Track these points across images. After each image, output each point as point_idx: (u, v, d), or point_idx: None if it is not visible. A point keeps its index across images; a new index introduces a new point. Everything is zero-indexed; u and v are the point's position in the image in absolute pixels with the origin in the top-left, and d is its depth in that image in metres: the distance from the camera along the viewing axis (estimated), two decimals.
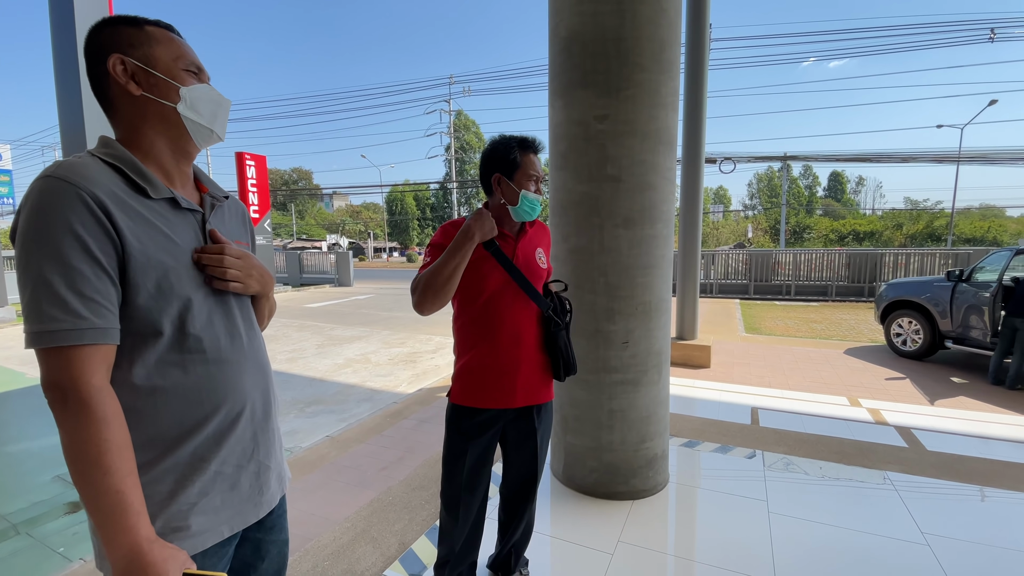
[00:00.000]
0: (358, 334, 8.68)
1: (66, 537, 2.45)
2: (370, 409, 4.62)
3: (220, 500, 0.88)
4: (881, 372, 6.16)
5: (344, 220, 56.02)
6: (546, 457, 1.80)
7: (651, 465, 2.51)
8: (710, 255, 14.44)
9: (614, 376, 2.42)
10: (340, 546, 2.19)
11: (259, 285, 0.96)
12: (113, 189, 0.78)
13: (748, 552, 2.06)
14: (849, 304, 12.13)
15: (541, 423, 1.71)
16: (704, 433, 3.30)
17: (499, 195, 1.58)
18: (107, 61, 0.83)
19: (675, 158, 2.45)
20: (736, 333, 8.85)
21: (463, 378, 1.60)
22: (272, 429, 1.00)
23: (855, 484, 2.65)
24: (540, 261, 1.64)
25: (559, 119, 2.40)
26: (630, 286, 2.38)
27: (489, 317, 1.57)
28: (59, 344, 0.71)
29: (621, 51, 2.19)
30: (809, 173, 53.15)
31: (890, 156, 24.19)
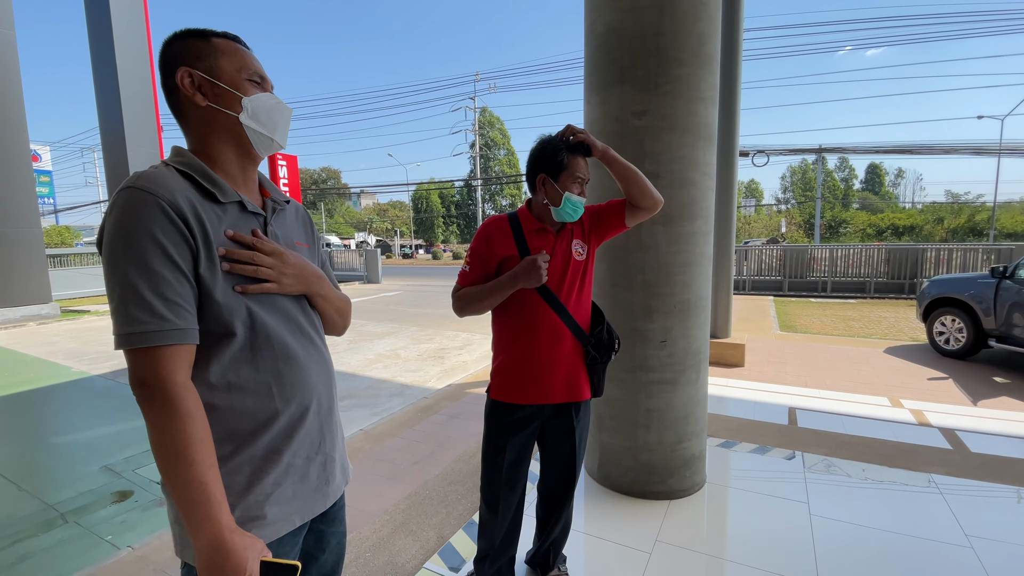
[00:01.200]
0: (387, 330, 8.83)
1: (114, 525, 2.54)
2: (401, 404, 4.70)
3: (292, 491, 0.92)
4: (923, 372, 5.93)
5: (371, 218, 56.88)
6: (583, 455, 1.80)
7: (688, 465, 2.48)
8: (743, 251, 14.08)
9: (651, 375, 2.41)
10: (380, 538, 2.24)
11: (299, 284, 0.96)
12: (188, 196, 0.82)
13: (790, 554, 2.03)
14: (888, 301, 11.70)
15: (579, 421, 1.72)
16: (741, 433, 3.25)
17: (543, 195, 1.59)
18: (176, 74, 0.87)
19: (714, 153, 2.41)
20: (770, 331, 8.64)
21: (503, 375, 1.63)
22: (336, 422, 1.03)
23: (899, 487, 2.57)
24: (578, 254, 1.64)
25: (595, 115, 2.39)
26: (668, 284, 2.36)
27: (528, 319, 1.60)
28: (146, 345, 0.75)
29: (660, 46, 2.17)
30: (845, 166, 51.26)
31: (930, 147, 23.14)
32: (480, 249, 1.60)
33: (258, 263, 0.89)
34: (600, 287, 2.52)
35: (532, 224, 1.62)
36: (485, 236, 1.61)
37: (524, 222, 1.62)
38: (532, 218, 1.62)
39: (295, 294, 0.97)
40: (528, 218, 1.63)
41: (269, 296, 0.91)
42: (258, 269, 0.89)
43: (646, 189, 1.63)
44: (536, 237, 1.61)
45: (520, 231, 1.61)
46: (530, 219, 1.62)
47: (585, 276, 1.66)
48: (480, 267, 1.61)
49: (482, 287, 1.58)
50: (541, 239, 1.61)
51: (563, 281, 1.61)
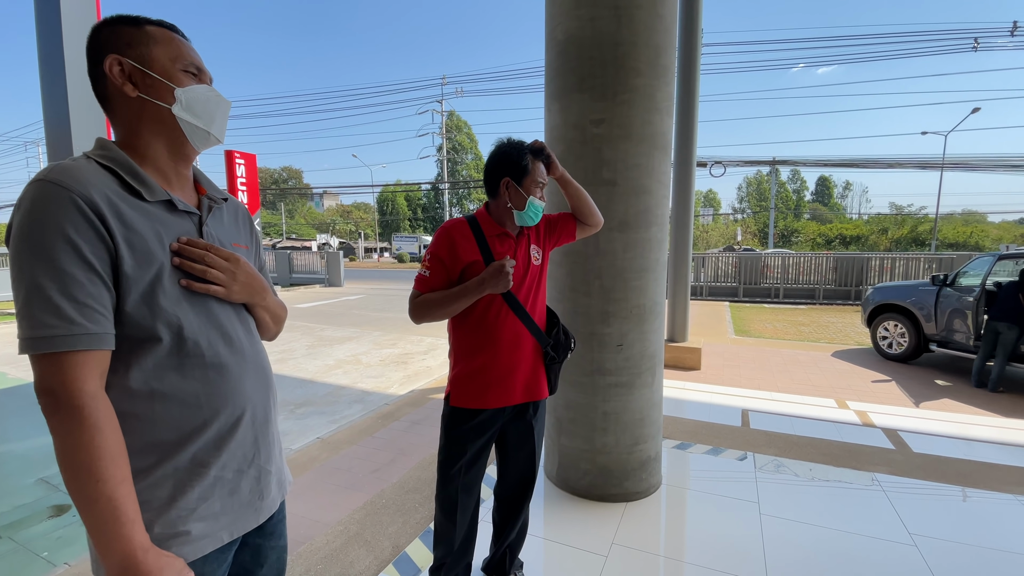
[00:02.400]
0: (349, 335, 8.63)
1: (50, 541, 2.39)
2: (361, 411, 4.59)
3: (220, 505, 0.87)
4: (867, 375, 6.26)
5: (334, 220, 55.62)
6: (541, 455, 1.81)
7: (644, 467, 2.52)
8: (700, 258, 14.58)
9: (608, 379, 2.43)
10: (333, 549, 2.17)
11: (244, 294, 0.93)
12: (107, 192, 0.77)
13: (740, 553, 2.08)
14: (836, 307, 12.31)
15: (537, 420, 1.74)
16: (696, 435, 3.33)
17: (506, 199, 1.59)
18: (104, 62, 0.82)
19: (669, 162, 2.46)
20: (726, 335, 8.93)
21: (464, 382, 1.61)
22: (273, 433, 0.99)
23: (844, 485, 2.68)
24: (535, 259, 1.67)
25: (556, 122, 2.41)
26: (624, 289, 2.39)
27: (490, 325, 1.59)
28: (52, 350, 0.70)
29: (618, 56, 2.21)
30: (797, 178, 53.86)
31: (876, 162, 24.61)
32: (442, 253, 1.57)
33: (209, 264, 0.86)
34: (559, 292, 2.53)
35: (494, 228, 1.61)
36: (447, 240, 1.58)
37: (485, 226, 1.61)
38: (493, 222, 1.62)
39: (240, 301, 0.94)
40: (489, 222, 1.62)
41: (202, 301, 0.86)
42: (207, 270, 0.85)
43: (593, 210, 1.77)
44: (498, 242, 1.61)
45: (482, 235, 1.59)
46: (491, 223, 1.62)
47: (541, 280, 1.70)
48: (442, 272, 1.57)
49: (446, 293, 1.55)
50: (503, 244, 1.61)
51: (523, 285, 1.62)
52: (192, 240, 0.86)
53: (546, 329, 1.71)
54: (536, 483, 2.66)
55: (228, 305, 0.91)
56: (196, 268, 0.84)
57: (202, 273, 0.85)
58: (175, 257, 0.83)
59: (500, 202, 1.61)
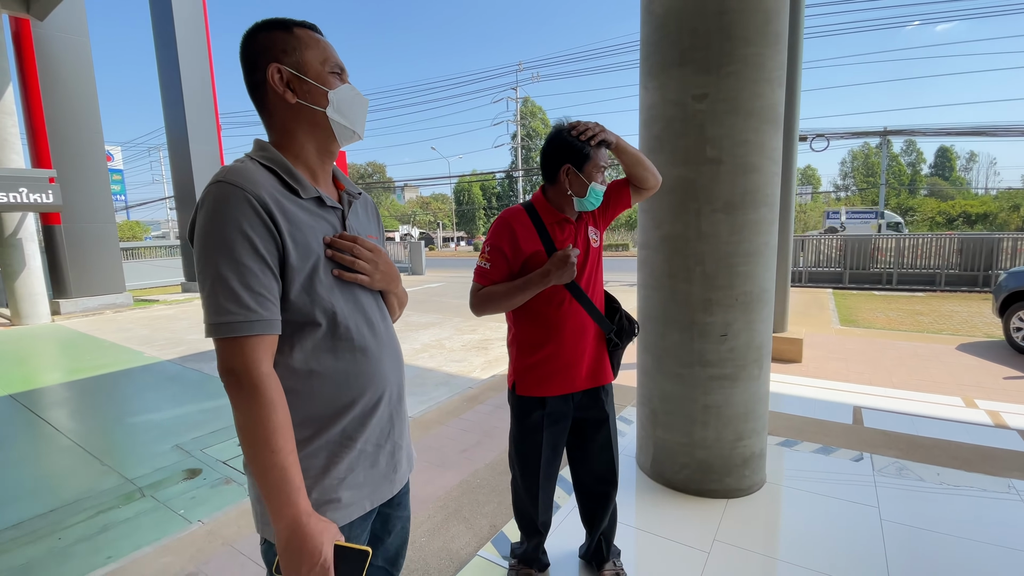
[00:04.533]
0: (432, 320, 8.98)
1: (185, 501, 2.72)
2: (447, 393, 4.77)
3: (363, 476, 0.93)
4: (999, 370, 5.47)
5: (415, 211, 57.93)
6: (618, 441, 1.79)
7: (747, 464, 2.39)
8: (799, 240, 13.32)
9: (710, 370, 2.32)
10: (435, 524, 2.28)
11: (384, 282, 0.99)
12: (273, 192, 0.84)
13: (861, 560, 1.92)
14: (960, 294, 10.87)
15: (609, 404, 1.73)
16: (803, 432, 3.10)
17: (565, 185, 1.54)
18: (266, 70, 0.88)
19: (780, 137, 2.28)
20: (829, 325, 8.21)
21: (531, 373, 1.61)
22: (404, 412, 1.05)
23: (978, 492, 2.38)
24: (594, 241, 1.65)
25: (652, 100, 2.30)
26: (729, 275, 2.26)
27: (553, 315, 1.58)
28: (235, 335, 0.78)
29: (723, 25, 2.06)
30: (912, 149, 47.67)
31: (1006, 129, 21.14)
32: (503, 245, 1.54)
33: (357, 255, 0.92)
34: (655, 279, 2.45)
35: (553, 215, 1.58)
36: (507, 231, 1.55)
37: (544, 213, 1.58)
38: (552, 208, 1.58)
39: (379, 290, 1.00)
40: (547, 208, 1.58)
41: (350, 290, 0.93)
42: (355, 261, 0.92)
43: (652, 171, 1.64)
44: (559, 229, 1.57)
45: (542, 223, 1.56)
46: (549, 209, 1.58)
47: (599, 262, 1.66)
48: (504, 264, 1.55)
49: (509, 285, 1.52)
50: (564, 231, 1.58)
51: (584, 271, 1.59)
52: (343, 234, 0.93)
53: (607, 313, 1.68)
54: (628, 473, 2.63)
55: (369, 292, 0.98)
56: (346, 259, 0.91)
57: (351, 264, 0.92)
58: (328, 249, 0.89)
59: (559, 188, 1.56)
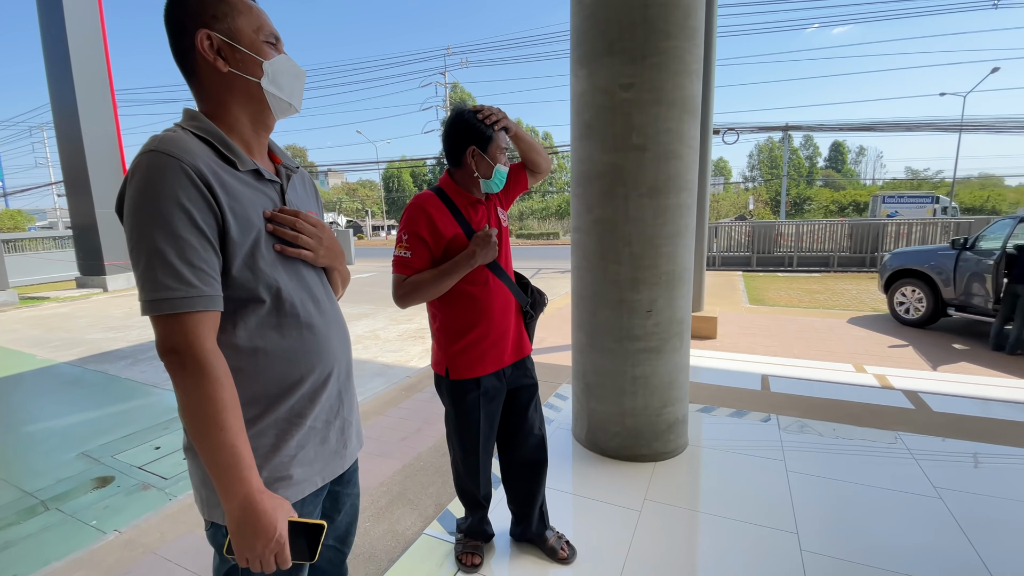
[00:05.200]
0: (365, 311, 8.74)
1: (97, 511, 2.51)
2: (384, 384, 4.71)
3: (314, 453, 0.94)
4: (884, 340, 6.26)
5: (340, 198, 55.48)
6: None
7: (672, 429, 2.59)
8: (713, 227, 14.39)
9: (638, 344, 2.48)
10: (378, 509, 2.28)
11: (329, 257, 0.99)
12: (209, 162, 0.81)
13: (770, 507, 2.16)
14: (851, 274, 12.21)
15: (532, 371, 1.82)
16: (719, 399, 3.40)
17: (471, 167, 1.57)
18: (194, 35, 0.84)
19: (698, 127, 2.46)
20: (740, 304, 8.94)
21: (464, 355, 1.64)
22: (353, 388, 1.05)
23: (868, 443, 2.75)
24: (504, 220, 1.73)
25: (583, 88, 2.39)
26: (654, 256, 2.42)
27: (480, 295, 1.63)
28: (175, 311, 0.75)
29: (647, 18, 2.18)
30: (810, 143, 52.53)
31: (892, 125, 23.95)
32: (421, 231, 1.54)
33: (300, 230, 0.91)
34: (588, 260, 2.57)
35: (465, 198, 1.61)
36: (423, 216, 1.54)
37: (455, 196, 1.60)
38: (462, 191, 1.61)
39: (323, 266, 0.99)
40: (458, 191, 1.61)
41: (294, 266, 0.91)
42: (298, 236, 0.90)
43: (544, 155, 1.76)
44: (473, 211, 1.62)
45: (455, 206, 1.59)
46: (460, 192, 1.61)
47: (508, 243, 1.75)
48: (425, 250, 1.55)
49: (436, 272, 1.53)
50: (478, 212, 1.63)
51: (502, 249, 1.66)
52: (284, 208, 0.91)
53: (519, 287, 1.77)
54: (565, 445, 2.76)
55: (313, 269, 0.97)
56: (288, 234, 0.89)
57: (294, 239, 0.90)
58: (268, 224, 0.87)
59: (466, 171, 1.58)
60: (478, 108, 1.58)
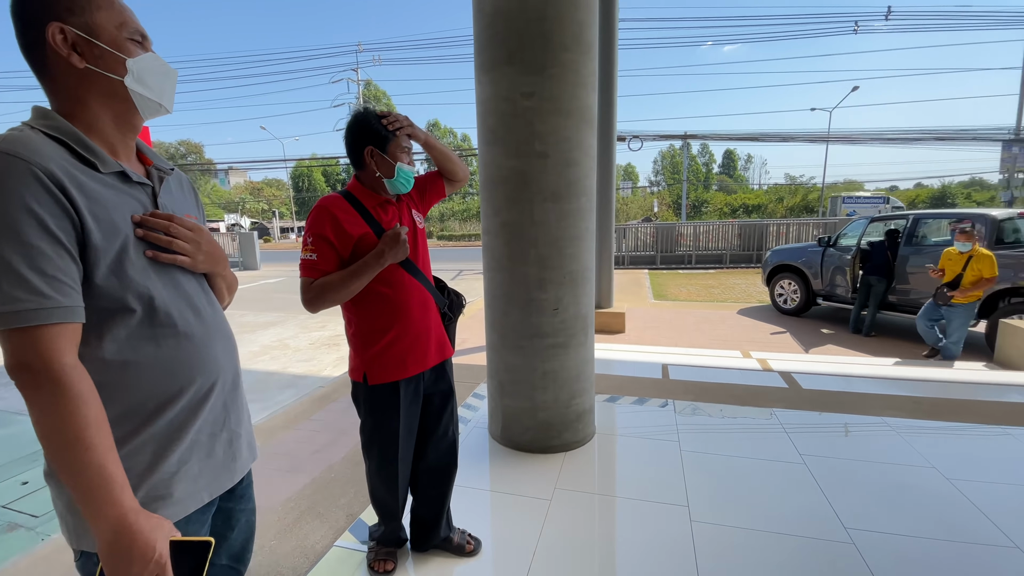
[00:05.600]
0: (272, 320, 8.25)
1: None
2: (295, 395, 4.49)
3: (198, 468, 0.90)
4: (767, 328, 7.02)
5: (243, 198, 51.49)
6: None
7: (580, 419, 2.74)
8: (622, 229, 15.33)
9: (546, 340, 2.60)
10: (286, 525, 2.19)
11: (210, 263, 0.95)
12: (64, 164, 0.75)
13: (666, 484, 2.37)
14: (740, 270, 13.52)
15: (451, 376, 1.83)
16: (623, 389, 3.63)
17: (372, 168, 1.56)
18: (45, 29, 0.77)
19: (595, 136, 2.62)
20: (647, 300, 9.56)
21: (382, 358, 1.61)
22: (241, 398, 1.02)
23: (748, 420, 3.09)
24: (420, 222, 1.74)
25: (487, 94, 2.46)
26: (559, 257, 2.54)
27: (396, 296, 1.61)
28: (25, 324, 0.69)
29: (544, 31, 2.29)
30: (706, 151, 57.43)
31: (772, 136, 26.88)
32: (326, 232, 1.50)
33: (175, 234, 0.86)
34: (498, 261, 2.64)
35: (373, 198, 1.59)
36: (328, 217, 1.51)
37: (363, 197, 1.58)
38: (369, 192, 1.60)
39: (203, 272, 0.95)
40: (365, 193, 1.59)
41: (169, 273, 0.87)
42: (173, 241, 0.86)
43: (460, 165, 1.81)
44: (382, 210, 1.60)
45: (363, 206, 1.57)
46: (368, 193, 1.60)
47: (426, 245, 1.76)
48: (331, 252, 1.51)
49: (344, 273, 1.50)
50: (388, 212, 1.61)
51: (416, 249, 1.67)
52: (156, 212, 0.86)
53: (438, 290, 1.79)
54: (481, 443, 2.81)
55: (191, 275, 0.92)
56: (162, 239, 0.85)
57: (168, 244, 0.86)
58: (138, 229, 0.83)
59: (368, 172, 1.57)
60: (384, 114, 1.58)
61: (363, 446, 1.76)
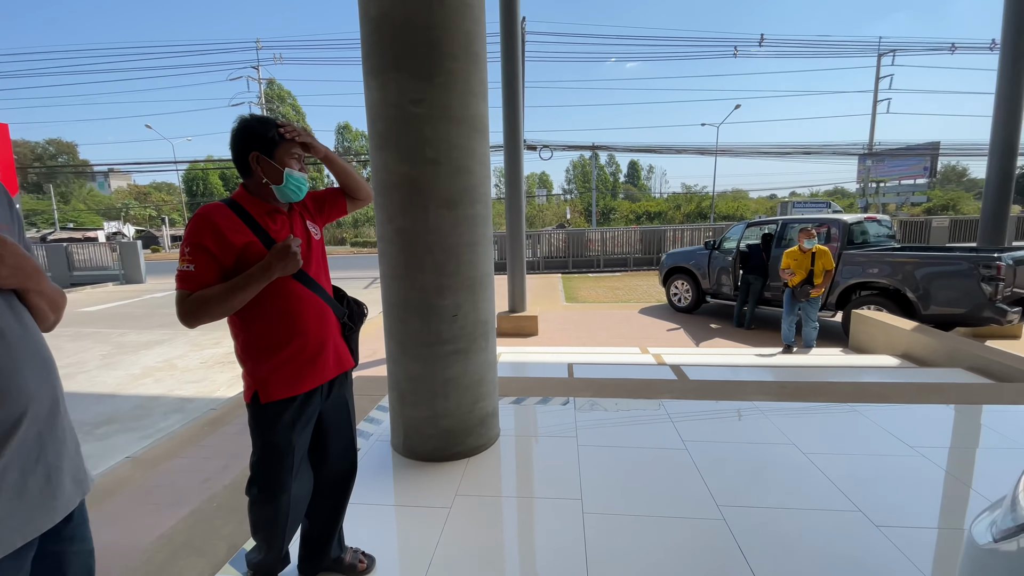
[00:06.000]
0: (158, 338, 7.47)
1: None
2: (182, 420, 4.12)
3: (7, 509, 0.79)
4: (664, 325, 7.54)
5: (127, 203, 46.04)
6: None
7: (483, 423, 2.77)
8: (536, 235, 15.90)
9: (447, 347, 2.60)
10: (156, 566, 1.98)
11: (17, 278, 0.84)
12: None
13: (562, 480, 2.46)
14: (643, 272, 14.46)
15: (349, 392, 1.78)
16: (530, 390, 3.72)
17: (260, 174, 1.50)
18: None
19: (488, 145, 2.67)
20: (559, 303, 9.89)
21: (278, 373, 1.53)
22: (62, 427, 0.91)
23: (639, 411, 3.29)
24: (315, 234, 1.68)
25: (375, 99, 2.43)
26: (456, 263, 2.56)
27: (292, 309, 1.54)
28: None
29: (431, 39, 2.31)
30: (612, 162, 60.84)
31: (669, 148, 29.19)
32: (205, 242, 1.40)
33: None
34: (395, 269, 2.60)
35: (260, 206, 1.52)
36: (208, 226, 1.41)
37: (249, 206, 1.51)
38: (257, 200, 1.53)
39: (10, 287, 0.84)
40: (252, 200, 1.52)
41: None
42: None
43: (362, 184, 1.79)
44: (271, 219, 1.53)
45: (249, 215, 1.49)
46: (255, 201, 1.52)
47: (324, 256, 1.71)
48: (211, 263, 1.41)
49: (226, 286, 1.40)
50: (277, 221, 1.54)
51: (311, 261, 1.61)
52: None
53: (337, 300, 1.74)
54: (383, 455, 2.75)
55: None
56: None
57: None
58: None
59: (256, 179, 1.51)
60: (282, 123, 1.52)
61: (252, 469, 1.62)
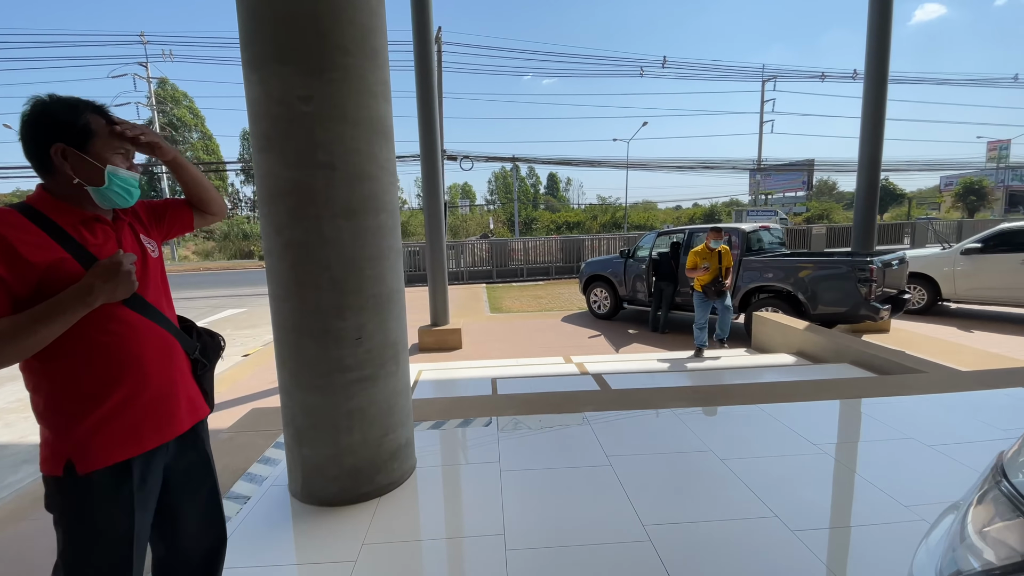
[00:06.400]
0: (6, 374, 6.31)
1: None
2: (36, 473, 3.43)
3: None
4: (585, 332, 7.62)
5: None
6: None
7: (395, 456, 2.50)
8: (459, 245, 15.75)
9: (349, 375, 2.31)
10: None
11: None
12: None
13: (484, 513, 2.25)
14: (565, 281, 14.74)
15: (207, 442, 1.47)
16: (450, 412, 3.49)
17: (69, 173, 1.16)
18: None
19: (393, 150, 2.44)
20: (483, 314, 9.72)
21: (104, 431, 1.17)
22: None
23: (563, 427, 3.17)
24: (152, 251, 1.36)
25: (256, 95, 2.12)
26: (358, 279, 2.29)
27: (120, 343, 1.20)
28: None
29: (320, 30, 2.05)
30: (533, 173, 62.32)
31: (584, 161, 30.45)
32: None
33: None
34: (286, 288, 2.28)
35: (72, 214, 1.18)
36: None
37: (54, 213, 1.16)
38: (66, 205, 1.18)
39: None
40: (58, 206, 1.17)
41: None
42: None
43: (215, 197, 1.54)
44: (87, 230, 1.19)
45: (55, 225, 1.15)
46: (63, 207, 1.18)
47: (165, 278, 1.39)
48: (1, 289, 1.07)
49: (25, 317, 1.06)
50: (97, 233, 1.21)
51: (149, 283, 1.29)
52: None
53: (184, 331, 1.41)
54: (279, 505, 2.39)
55: None
56: None
57: None
58: None
59: (63, 179, 1.17)
60: (118, 121, 1.20)
61: (66, 562, 1.19)
